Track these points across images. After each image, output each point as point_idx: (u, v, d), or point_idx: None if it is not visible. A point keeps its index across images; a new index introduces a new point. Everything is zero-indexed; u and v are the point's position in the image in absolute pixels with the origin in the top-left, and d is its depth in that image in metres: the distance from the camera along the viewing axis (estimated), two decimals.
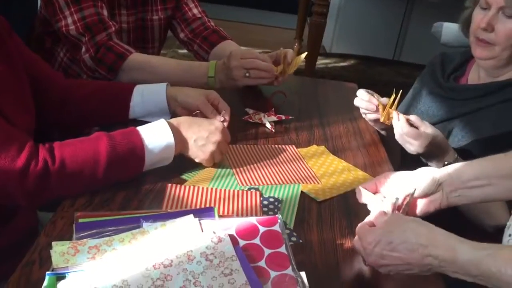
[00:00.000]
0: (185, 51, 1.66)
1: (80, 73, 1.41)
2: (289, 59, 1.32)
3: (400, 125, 1.10)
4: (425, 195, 0.85)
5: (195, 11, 1.53)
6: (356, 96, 1.22)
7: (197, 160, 0.98)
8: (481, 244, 0.68)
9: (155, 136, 0.90)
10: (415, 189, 0.84)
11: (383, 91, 1.31)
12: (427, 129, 1.09)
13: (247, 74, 1.24)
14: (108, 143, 0.86)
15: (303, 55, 1.36)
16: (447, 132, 1.25)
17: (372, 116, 1.20)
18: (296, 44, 3.61)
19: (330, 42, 3.80)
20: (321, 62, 3.44)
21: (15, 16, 1.42)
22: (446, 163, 1.12)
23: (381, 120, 1.15)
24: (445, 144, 1.14)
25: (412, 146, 1.10)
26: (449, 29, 2.08)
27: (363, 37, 3.76)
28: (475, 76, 1.30)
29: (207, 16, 1.56)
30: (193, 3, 1.54)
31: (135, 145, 0.87)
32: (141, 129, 0.91)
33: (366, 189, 0.88)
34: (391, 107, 1.14)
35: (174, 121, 0.96)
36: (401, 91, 1.18)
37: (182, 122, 0.96)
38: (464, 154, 1.17)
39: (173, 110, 1.13)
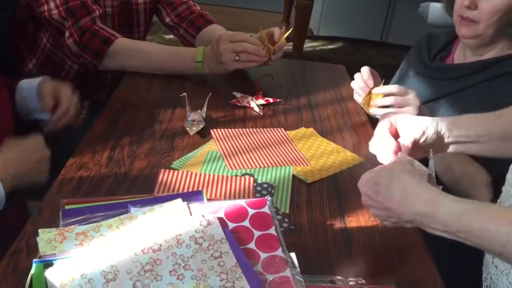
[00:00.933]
0: (171, 36, 1.64)
1: (64, 58, 1.39)
2: (276, 37, 1.31)
3: (388, 100, 1.10)
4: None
5: None
6: (355, 77, 1.21)
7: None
8: (465, 199, 0.66)
9: None
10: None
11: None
12: (411, 92, 1.10)
13: (236, 58, 1.22)
14: None
15: (287, 33, 1.34)
16: (434, 111, 1.26)
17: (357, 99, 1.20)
18: (284, 27, 3.59)
19: (317, 24, 3.78)
20: (308, 45, 3.42)
21: None
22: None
23: (361, 103, 1.16)
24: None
25: (406, 113, 1.10)
26: (436, 9, 2.08)
27: (350, 20, 3.75)
28: (460, 55, 1.30)
29: (193, 0, 1.54)
30: None
31: None
32: None
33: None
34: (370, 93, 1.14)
35: None
36: (383, 80, 1.18)
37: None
38: None
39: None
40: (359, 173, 0.78)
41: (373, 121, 1.26)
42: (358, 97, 1.21)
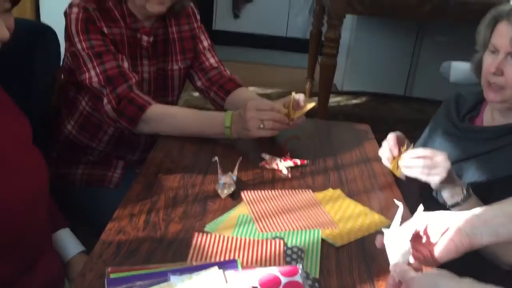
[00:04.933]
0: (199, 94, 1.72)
1: (102, 120, 1.47)
2: (302, 103, 1.35)
3: (416, 163, 1.13)
4: (441, 233, 0.83)
5: (212, 61, 1.60)
6: (383, 145, 1.25)
7: None
8: None
9: None
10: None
11: (396, 128, 1.35)
12: (441, 155, 1.12)
13: (261, 126, 1.27)
14: None
15: (312, 104, 1.36)
16: (463, 172, 1.28)
17: (387, 165, 1.23)
18: (308, 83, 3.68)
19: (341, 80, 3.86)
20: (333, 100, 3.49)
21: (41, 67, 1.49)
22: (464, 189, 1.15)
23: (390, 167, 1.19)
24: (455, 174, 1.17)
25: (437, 176, 1.12)
26: (457, 69, 2.13)
27: (373, 74, 3.82)
28: (489, 117, 1.32)
29: (223, 65, 1.63)
30: (210, 53, 1.61)
31: None
32: None
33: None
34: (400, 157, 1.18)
35: None
36: (412, 145, 1.22)
37: None
38: (481, 193, 1.19)
39: None
40: None
41: (400, 182, 1.28)
42: (388, 163, 1.23)
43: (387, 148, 1.23)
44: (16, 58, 1.35)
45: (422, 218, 0.84)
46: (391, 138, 1.23)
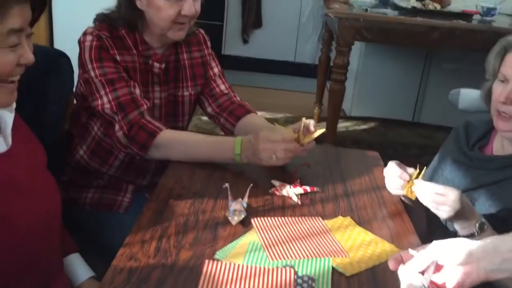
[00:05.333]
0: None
1: (113, 145, 1.49)
2: (312, 128, 1.36)
3: (427, 196, 1.12)
4: (457, 264, 0.83)
5: (222, 87, 1.62)
6: (387, 169, 1.25)
7: None
8: None
9: None
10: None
11: (404, 154, 1.36)
12: (453, 195, 1.11)
13: (274, 158, 1.27)
14: None
15: (322, 130, 1.38)
16: (473, 201, 1.27)
17: (399, 192, 1.22)
18: (316, 108, 3.70)
19: (349, 105, 3.88)
20: (341, 125, 3.50)
21: (55, 93, 1.52)
22: (477, 225, 1.13)
23: (404, 193, 1.19)
24: (472, 207, 1.16)
25: (444, 212, 1.12)
26: (466, 96, 2.14)
27: (382, 100, 3.84)
28: (499, 146, 1.32)
29: (233, 91, 1.65)
30: (220, 79, 1.63)
31: None
32: None
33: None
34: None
35: None
36: (425, 168, 1.21)
37: None
38: (493, 223, 1.19)
39: None
40: None
41: (410, 210, 1.28)
42: (400, 191, 1.22)
43: (395, 177, 1.23)
44: (30, 83, 1.37)
45: (437, 248, 0.83)
46: (394, 167, 1.22)
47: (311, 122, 1.37)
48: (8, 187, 0.95)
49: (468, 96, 2.14)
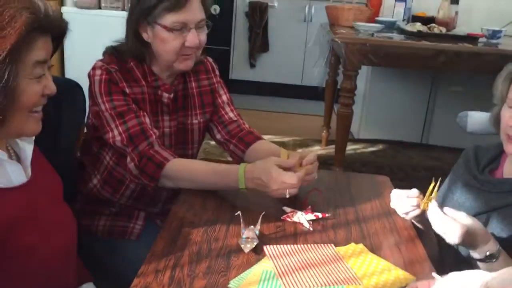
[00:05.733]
0: None
1: (125, 174, 1.50)
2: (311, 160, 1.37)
3: (435, 217, 1.13)
4: None
5: (231, 114, 1.64)
6: (392, 199, 1.26)
7: None
8: None
9: None
10: None
11: (413, 176, 1.36)
12: (462, 219, 1.11)
13: (287, 196, 1.27)
14: None
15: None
16: (485, 225, 1.27)
17: (415, 212, 1.22)
18: (324, 131, 3.71)
19: (357, 128, 3.89)
20: (350, 148, 3.51)
21: (68, 122, 1.55)
22: (488, 253, 1.13)
23: (421, 207, 1.19)
24: (484, 233, 1.15)
25: (450, 237, 1.12)
26: (474, 118, 2.15)
27: (389, 122, 3.85)
28: (509, 169, 1.33)
29: (241, 118, 1.66)
30: (229, 107, 1.65)
31: None
32: None
33: None
34: (431, 194, 1.17)
35: None
36: (440, 178, 1.21)
37: None
38: (505, 247, 1.18)
39: None
40: None
41: (422, 234, 1.28)
42: (412, 213, 1.23)
43: (404, 200, 1.23)
44: (45, 113, 1.40)
45: (453, 280, 0.83)
46: (397, 192, 1.23)
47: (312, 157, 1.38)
48: (28, 218, 0.96)
49: (476, 118, 2.15)
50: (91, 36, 2.59)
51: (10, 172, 0.99)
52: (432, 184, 1.18)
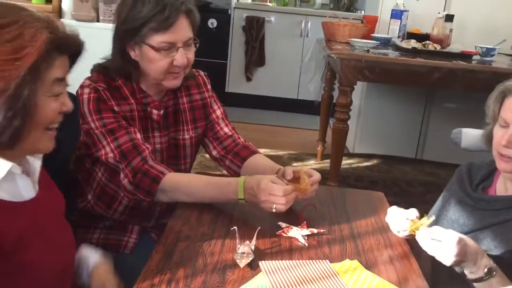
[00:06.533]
0: None
1: (118, 190, 1.50)
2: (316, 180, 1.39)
3: (424, 244, 1.14)
4: None
5: (226, 129, 1.63)
6: (389, 215, 1.27)
7: None
8: None
9: None
10: None
11: (408, 191, 1.38)
12: (451, 240, 1.12)
13: (273, 210, 1.28)
14: None
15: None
16: (479, 242, 1.28)
17: (406, 233, 1.24)
18: (320, 145, 3.73)
19: (352, 142, 3.91)
20: (345, 162, 3.51)
21: (66, 138, 1.54)
22: (486, 269, 1.14)
23: (408, 232, 1.21)
24: (477, 248, 1.16)
25: (445, 258, 1.13)
26: (468, 135, 2.17)
27: (384, 137, 3.88)
28: (502, 187, 1.34)
29: (236, 133, 1.66)
30: (223, 122, 1.64)
31: None
32: None
33: None
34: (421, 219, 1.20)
35: None
36: (432, 218, 1.23)
37: None
38: (498, 264, 1.19)
39: None
40: None
41: (416, 250, 1.29)
42: (405, 233, 1.24)
43: (401, 218, 1.25)
44: None
45: None
46: (396, 210, 1.25)
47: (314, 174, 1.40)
48: (34, 234, 0.97)
49: (470, 135, 2.17)
50: (89, 49, 2.60)
51: (21, 186, 1.00)
52: (424, 220, 1.21)
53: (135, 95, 1.47)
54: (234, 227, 1.19)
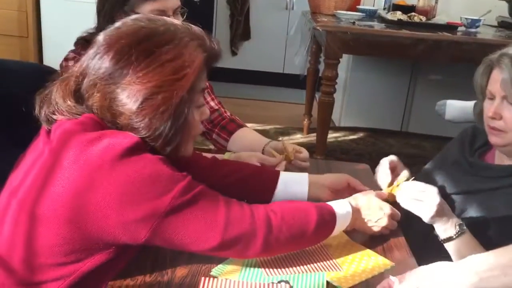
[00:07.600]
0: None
1: None
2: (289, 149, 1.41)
3: (408, 194, 1.17)
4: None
5: (212, 103, 1.63)
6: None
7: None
8: None
9: (343, 214, 1.08)
10: None
11: None
12: (433, 190, 1.16)
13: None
14: (316, 206, 1.03)
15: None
16: (466, 205, 1.30)
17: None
18: (306, 119, 3.73)
19: (338, 116, 3.92)
20: (331, 136, 3.53)
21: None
22: (457, 226, 1.17)
23: (385, 191, 1.23)
24: (447, 206, 1.20)
25: (423, 213, 1.16)
26: (452, 107, 2.18)
27: (370, 110, 3.89)
28: (498, 154, 1.35)
29: (223, 106, 1.66)
30: (209, 96, 1.64)
31: (334, 216, 1.05)
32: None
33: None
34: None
35: (353, 202, 1.13)
36: (413, 178, 1.24)
37: (360, 205, 1.13)
38: (479, 229, 1.21)
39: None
40: None
41: (403, 223, 1.30)
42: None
43: (384, 174, 1.27)
44: (23, 100, 1.38)
45: (420, 275, 0.88)
46: (386, 164, 1.27)
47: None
48: None
49: (454, 107, 2.19)
50: (70, 23, 2.55)
51: None
52: (405, 178, 1.23)
53: None
54: None
